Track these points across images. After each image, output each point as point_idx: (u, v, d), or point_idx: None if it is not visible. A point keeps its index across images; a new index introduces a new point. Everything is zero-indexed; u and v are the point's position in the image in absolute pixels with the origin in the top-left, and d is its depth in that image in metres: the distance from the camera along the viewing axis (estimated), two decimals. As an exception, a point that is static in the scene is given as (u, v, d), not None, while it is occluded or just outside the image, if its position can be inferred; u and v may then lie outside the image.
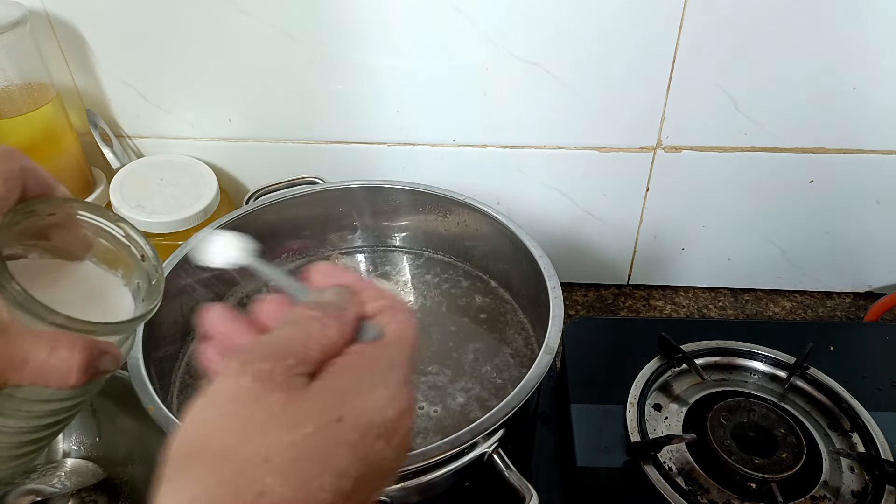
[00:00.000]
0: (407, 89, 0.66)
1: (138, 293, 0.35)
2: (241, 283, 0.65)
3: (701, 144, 0.67)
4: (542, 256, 0.55)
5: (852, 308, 0.77)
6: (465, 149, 0.70)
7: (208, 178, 0.70)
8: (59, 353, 0.29)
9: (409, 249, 0.69)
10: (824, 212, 0.71)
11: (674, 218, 0.73)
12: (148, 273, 0.35)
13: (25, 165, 0.30)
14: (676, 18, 0.59)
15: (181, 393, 0.55)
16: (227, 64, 0.66)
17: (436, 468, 0.41)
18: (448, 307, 0.63)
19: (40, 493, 0.53)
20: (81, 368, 0.29)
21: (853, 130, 0.65)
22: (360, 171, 0.72)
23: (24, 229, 0.31)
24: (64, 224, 0.33)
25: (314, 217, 0.66)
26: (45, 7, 0.64)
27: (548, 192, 0.72)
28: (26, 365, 0.28)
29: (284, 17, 0.62)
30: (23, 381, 0.28)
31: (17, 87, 0.63)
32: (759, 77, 0.62)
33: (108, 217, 0.34)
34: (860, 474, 0.50)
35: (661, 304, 0.78)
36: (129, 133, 0.73)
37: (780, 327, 0.69)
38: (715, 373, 0.58)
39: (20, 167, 0.30)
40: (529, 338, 0.59)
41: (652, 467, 0.49)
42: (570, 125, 0.67)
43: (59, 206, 0.33)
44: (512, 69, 0.63)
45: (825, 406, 0.55)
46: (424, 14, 0.61)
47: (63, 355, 0.29)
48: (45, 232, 0.33)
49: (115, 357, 0.32)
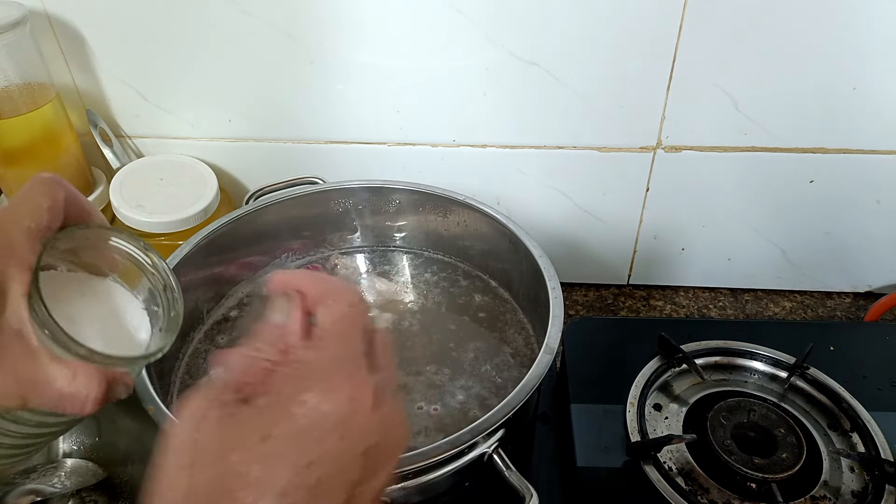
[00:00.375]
0: (407, 89, 0.66)
1: (156, 320, 0.36)
2: (241, 283, 0.65)
3: (701, 144, 0.67)
4: (542, 256, 0.55)
5: (852, 308, 0.77)
6: (465, 149, 0.70)
7: (208, 178, 0.70)
8: (79, 382, 0.30)
9: (408, 249, 0.69)
10: (824, 212, 0.71)
11: (674, 218, 0.73)
12: (168, 304, 0.36)
13: (68, 194, 0.32)
14: (676, 18, 0.59)
15: (181, 393, 0.55)
16: (227, 64, 0.66)
17: (436, 468, 0.41)
18: (448, 307, 0.63)
19: (40, 493, 0.53)
20: (98, 399, 0.30)
21: (853, 130, 0.65)
22: (360, 171, 0.72)
23: (61, 251, 0.33)
24: (96, 247, 0.35)
25: (314, 217, 0.66)
26: (45, 7, 0.64)
27: (548, 192, 0.72)
28: (49, 389, 0.29)
29: (284, 17, 0.62)
30: (42, 404, 0.29)
31: (17, 87, 0.63)
32: (759, 77, 0.62)
33: (138, 246, 0.35)
34: (860, 474, 0.50)
35: (661, 304, 0.78)
36: (129, 133, 0.73)
37: (780, 327, 0.69)
38: (715, 373, 0.58)
39: (63, 196, 0.31)
40: (529, 338, 0.60)
41: (652, 467, 0.49)
42: (570, 125, 0.67)
43: (95, 232, 0.34)
44: (512, 69, 0.63)
45: (825, 406, 0.55)
46: (425, 14, 0.61)
47: (82, 384, 0.30)
48: (77, 252, 0.35)
49: (129, 386, 0.33)
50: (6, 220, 0.30)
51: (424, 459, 0.40)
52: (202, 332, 0.60)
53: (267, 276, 0.30)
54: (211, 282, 0.62)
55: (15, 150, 0.65)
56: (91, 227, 0.34)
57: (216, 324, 0.61)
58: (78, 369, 0.30)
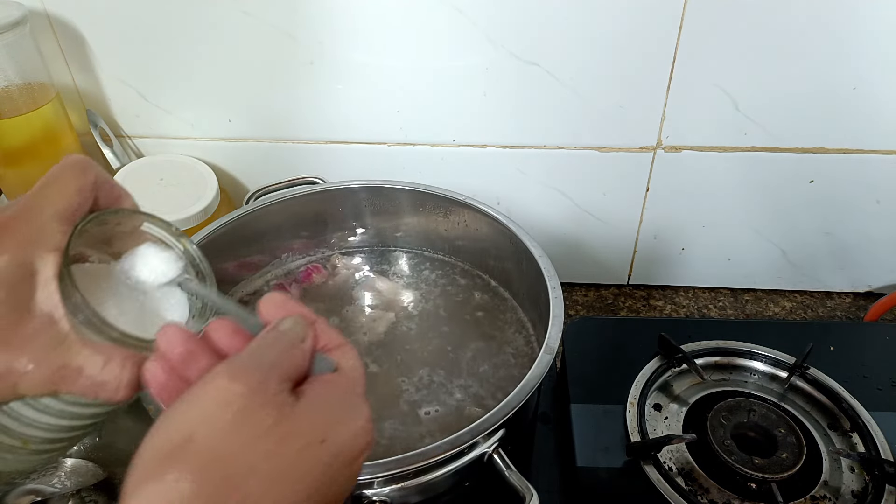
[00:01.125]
0: (407, 89, 0.66)
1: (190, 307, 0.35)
2: (241, 283, 0.65)
3: (701, 144, 0.67)
4: (542, 256, 0.55)
5: (852, 308, 0.77)
6: (465, 149, 0.70)
7: (208, 178, 0.70)
8: (112, 368, 0.29)
9: (408, 249, 0.69)
10: (824, 212, 0.71)
11: (674, 218, 0.73)
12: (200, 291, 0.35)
13: (99, 177, 0.31)
14: (676, 18, 0.59)
15: (181, 393, 0.55)
16: (227, 64, 0.66)
17: (436, 468, 0.41)
18: (447, 307, 0.63)
19: (40, 493, 0.53)
20: (131, 384, 0.30)
21: (853, 130, 0.65)
22: (360, 171, 0.72)
23: (92, 237, 0.32)
24: (128, 233, 0.34)
25: (314, 217, 0.66)
26: (45, 7, 0.64)
27: (548, 192, 0.72)
28: (80, 375, 0.29)
29: (284, 18, 0.62)
30: (74, 391, 0.29)
31: (17, 87, 0.63)
32: (759, 77, 0.62)
33: (170, 231, 0.35)
34: (860, 474, 0.50)
35: (661, 304, 0.78)
36: (129, 133, 0.73)
37: (780, 327, 0.69)
38: (715, 373, 0.58)
39: (94, 180, 0.31)
40: (529, 337, 0.60)
41: (652, 467, 0.49)
42: (570, 125, 0.67)
43: (127, 217, 0.34)
44: (512, 69, 0.63)
45: (825, 406, 0.55)
46: (425, 14, 0.61)
47: (115, 370, 0.29)
48: (109, 239, 0.34)
49: None
50: (35, 202, 0.29)
51: (424, 459, 0.40)
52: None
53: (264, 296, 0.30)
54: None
55: (15, 150, 0.65)
56: (121, 212, 0.33)
57: (216, 324, 0.61)
58: (110, 354, 0.29)
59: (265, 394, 0.25)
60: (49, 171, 0.30)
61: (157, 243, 0.34)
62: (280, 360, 0.26)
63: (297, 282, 0.66)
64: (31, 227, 0.28)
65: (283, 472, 0.24)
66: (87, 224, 0.31)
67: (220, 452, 0.23)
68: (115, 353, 0.29)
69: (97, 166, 0.31)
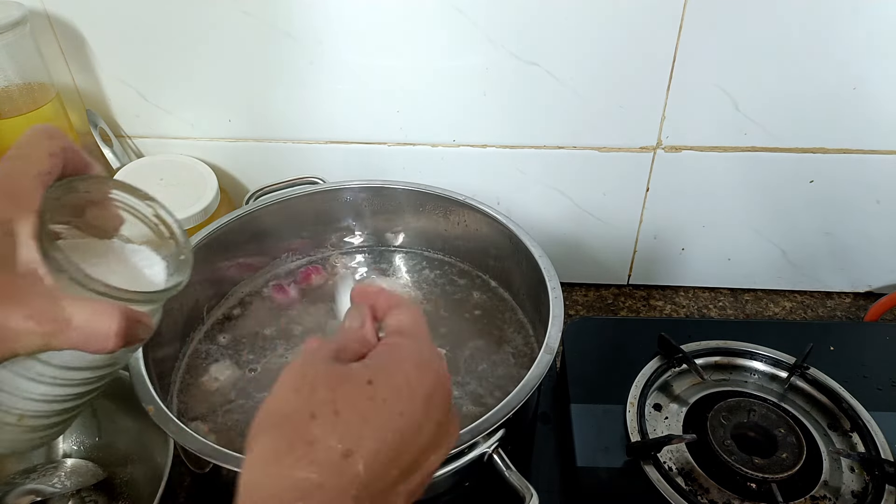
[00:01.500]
0: (407, 89, 0.66)
1: (167, 268, 0.37)
2: (241, 283, 0.65)
3: (701, 144, 0.67)
4: (542, 256, 0.55)
5: (852, 308, 0.77)
6: (465, 149, 0.70)
7: (208, 178, 0.70)
8: (100, 318, 0.30)
9: (408, 249, 0.69)
10: (824, 212, 0.71)
11: (674, 218, 0.73)
12: (176, 249, 0.37)
13: (67, 145, 0.33)
14: (676, 18, 0.59)
15: (181, 393, 0.55)
16: (227, 64, 0.66)
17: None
18: (447, 307, 0.63)
19: (40, 493, 0.53)
20: (120, 333, 0.31)
21: (853, 130, 0.65)
22: (360, 171, 0.72)
23: (64, 204, 0.33)
24: (98, 202, 0.36)
25: (314, 217, 0.66)
26: (45, 7, 0.64)
27: (548, 192, 0.72)
28: (70, 327, 0.30)
29: (284, 18, 0.62)
30: (65, 344, 0.30)
31: (17, 87, 0.63)
32: (759, 77, 0.62)
33: (138, 195, 0.36)
34: (860, 474, 0.50)
35: (661, 304, 0.78)
36: (129, 133, 0.73)
37: (780, 327, 0.69)
38: (715, 373, 0.58)
39: (62, 146, 0.32)
40: (529, 337, 0.60)
41: (652, 467, 0.49)
42: (570, 125, 0.67)
43: (95, 183, 0.35)
44: (512, 69, 0.63)
45: (825, 406, 0.55)
46: (425, 14, 0.61)
47: (103, 320, 0.30)
48: (81, 209, 0.35)
49: (148, 326, 0.34)
50: (10, 168, 0.31)
51: (424, 459, 0.40)
52: (202, 331, 0.60)
53: (354, 288, 0.35)
54: (211, 281, 0.62)
55: (15, 150, 0.65)
56: (89, 178, 0.34)
57: (216, 323, 0.61)
58: (97, 305, 0.31)
59: (315, 365, 0.29)
60: (18, 139, 0.32)
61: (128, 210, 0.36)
62: (339, 348, 0.30)
63: (297, 282, 0.66)
64: (6, 191, 0.30)
65: (338, 412, 0.27)
66: (58, 190, 0.32)
67: (292, 410, 0.27)
68: (100, 304, 0.31)
69: (65, 134, 0.33)
